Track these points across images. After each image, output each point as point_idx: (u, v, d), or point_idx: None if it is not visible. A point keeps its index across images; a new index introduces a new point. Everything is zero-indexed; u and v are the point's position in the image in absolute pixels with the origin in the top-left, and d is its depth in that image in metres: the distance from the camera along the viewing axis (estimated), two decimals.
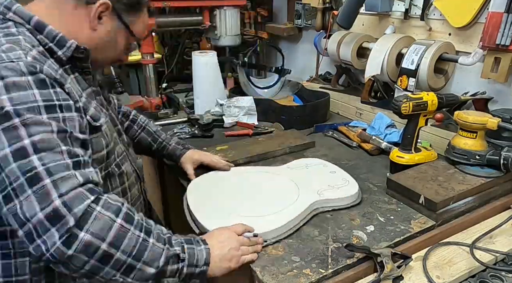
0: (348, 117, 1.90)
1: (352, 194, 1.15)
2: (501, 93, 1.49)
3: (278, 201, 1.11)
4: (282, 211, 1.06)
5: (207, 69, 1.86)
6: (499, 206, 1.17)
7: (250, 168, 1.37)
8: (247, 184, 1.23)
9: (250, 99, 1.79)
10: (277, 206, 1.08)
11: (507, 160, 1.11)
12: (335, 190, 1.16)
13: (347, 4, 1.75)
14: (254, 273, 0.90)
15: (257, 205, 1.11)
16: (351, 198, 1.15)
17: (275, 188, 1.19)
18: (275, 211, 1.06)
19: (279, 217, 1.03)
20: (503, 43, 1.31)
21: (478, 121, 1.14)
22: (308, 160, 1.38)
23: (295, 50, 2.76)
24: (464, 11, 1.50)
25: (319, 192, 1.14)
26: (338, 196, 1.14)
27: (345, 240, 1.00)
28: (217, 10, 2.00)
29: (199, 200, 1.14)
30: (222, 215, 1.04)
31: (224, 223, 0.97)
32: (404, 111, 1.22)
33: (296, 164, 1.35)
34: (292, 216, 1.03)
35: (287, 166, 1.34)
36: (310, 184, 1.19)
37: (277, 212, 1.05)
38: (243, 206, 1.10)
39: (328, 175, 1.26)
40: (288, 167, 1.33)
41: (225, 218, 1.01)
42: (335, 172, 1.28)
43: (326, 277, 0.89)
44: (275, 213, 1.05)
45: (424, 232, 1.04)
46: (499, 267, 0.96)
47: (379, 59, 1.71)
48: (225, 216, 1.03)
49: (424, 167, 1.25)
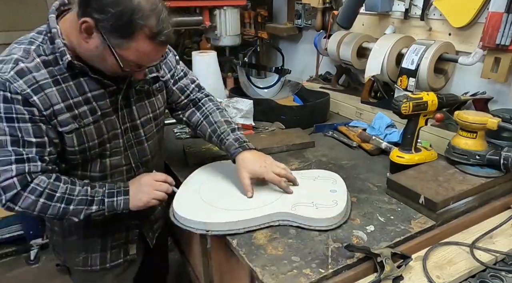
0: (348, 117, 1.90)
1: (327, 217, 1.04)
2: (501, 93, 1.49)
3: (252, 201, 1.11)
4: (242, 210, 1.06)
5: (207, 69, 1.86)
6: (499, 206, 1.17)
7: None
8: (239, 182, 1.18)
9: (249, 104, 1.76)
10: (244, 205, 1.09)
11: (507, 159, 1.11)
12: (314, 209, 1.06)
13: (347, 4, 1.75)
14: (254, 273, 0.90)
15: (231, 200, 1.12)
16: (324, 222, 1.04)
17: (260, 190, 1.16)
18: (238, 208, 1.07)
19: (234, 214, 1.05)
20: (503, 43, 1.31)
21: (478, 121, 1.14)
22: (322, 172, 1.29)
23: (295, 50, 2.76)
24: (464, 11, 1.50)
25: (295, 205, 1.07)
26: (310, 215, 1.04)
27: (345, 240, 1.00)
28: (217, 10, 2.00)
29: (186, 189, 1.19)
30: (194, 202, 1.12)
31: (191, 209, 1.08)
32: (404, 111, 1.22)
33: (309, 173, 1.27)
34: (245, 217, 1.03)
35: (300, 173, 1.27)
36: (296, 194, 1.14)
37: (237, 210, 1.07)
38: (219, 198, 1.13)
39: (325, 192, 1.15)
40: (298, 173, 1.25)
41: (194, 205, 1.10)
42: (336, 191, 1.16)
43: (326, 277, 0.89)
44: (234, 210, 1.07)
45: (424, 232, 1.04)
46: (499, 267, 0.96)
47: (379, 59, 1.71)
48: (196, 203, 1.11)
49: (424, 167, 1.25)
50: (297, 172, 1.26)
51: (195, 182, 1.23)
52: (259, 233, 1.03)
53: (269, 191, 1.16)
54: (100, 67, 1.02)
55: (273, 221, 1.06)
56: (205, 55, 1.86)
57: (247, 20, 2.77)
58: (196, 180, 1.25)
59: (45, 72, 0.98)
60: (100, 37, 0.93)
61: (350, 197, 1.18)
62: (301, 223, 1.05)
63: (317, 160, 1.46)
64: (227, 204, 1.10)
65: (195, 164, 1.42)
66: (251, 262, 0.93)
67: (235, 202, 1.11)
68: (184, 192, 1.18)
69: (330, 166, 1.41)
